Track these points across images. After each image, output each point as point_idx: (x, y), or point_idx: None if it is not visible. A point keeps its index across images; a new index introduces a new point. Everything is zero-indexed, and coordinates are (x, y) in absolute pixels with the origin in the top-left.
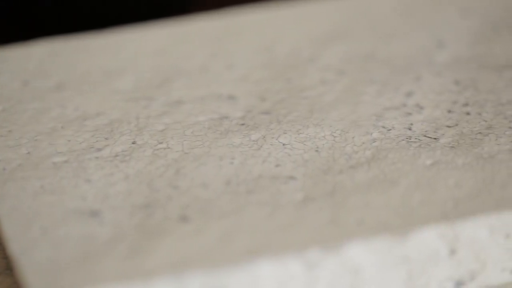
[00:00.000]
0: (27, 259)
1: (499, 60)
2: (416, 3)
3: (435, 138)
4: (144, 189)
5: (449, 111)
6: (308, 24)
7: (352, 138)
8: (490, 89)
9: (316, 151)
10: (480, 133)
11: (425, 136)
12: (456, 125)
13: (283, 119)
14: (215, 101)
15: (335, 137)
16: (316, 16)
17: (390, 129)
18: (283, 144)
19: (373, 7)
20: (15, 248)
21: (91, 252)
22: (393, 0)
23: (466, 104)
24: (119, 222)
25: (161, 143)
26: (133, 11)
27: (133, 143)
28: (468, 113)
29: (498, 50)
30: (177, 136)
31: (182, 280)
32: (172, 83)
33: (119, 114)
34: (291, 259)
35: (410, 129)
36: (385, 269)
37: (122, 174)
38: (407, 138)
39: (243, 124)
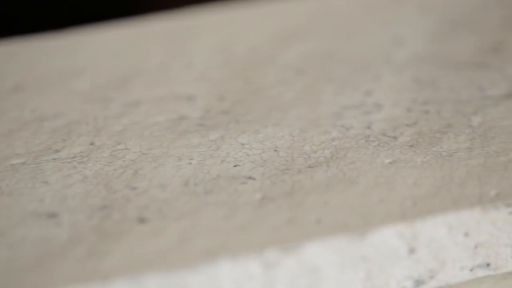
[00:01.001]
0: None
1: (458, 58)
2: (375, 1)
3: (394, 137)
4: (102, 190)
5: (408, 110)
6: (267, 23)
7: (311, 138)
8: (449, 87)
9: (275, 151)
10: (439, 131)
11: (384, 135)
12: (415, 123)
13: (241, 119)
14: (174, 101)
15: (294, 136)
16: (275, 16)
17: (349, 128)
18: (242, 144)
19: (332, 6)
20: None
21: (49, 254)
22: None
23: (425, 103)
24: (77, 224)
25: (119, 144)
26: (91, 12)
27: (91, 144)
28: (427, 112)
29: (457, 48)
30: (136, 137)
31: (139, 282)
32: (130, 83)
33: (77, 115)
34: (249, 259)
35: (369, 128)
36: (344, 269)
37: (80, 176)
38: (366, 137)
39: (201, 124)
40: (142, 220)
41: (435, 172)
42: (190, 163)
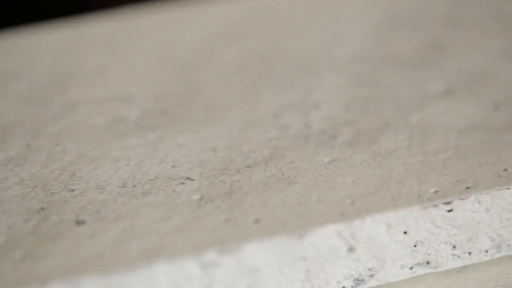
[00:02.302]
0: None
1: (398, 55)
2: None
3: (333, 136)
4: (39, 192)
5: (348, 108)
6: (207, 23)
7: (250, 137)
8: (389, 85)
9: (214, 151)
10: (378, 130)
11: (323, 134)
12: (355, 122)
13: (180, 119)
14: (112, 102)
15: (232, 136)
16: (215, 15)
17: (288, 128)
18: (180, 145)
19: (272, 4)
20: None
21: None
22: None
23: (365, 101)
24: (13, 227)
25: (56, 145)
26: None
27: (28, 146)
28: (366, 110)
29: (398, 45)
30: (73, 139)
31: (77, 284)
32: (68, 85)
33: (13, 117)
34: (187, 260)
35: (308, 127)
36: (283, 269)
37: (16, 178)
38: (305, 136)
39: (140, 125)
40: (79, 222)
41: (374, 170)
42: (128, 164)
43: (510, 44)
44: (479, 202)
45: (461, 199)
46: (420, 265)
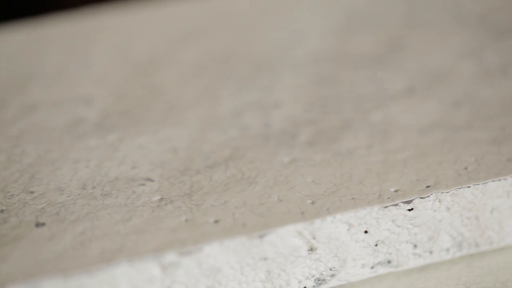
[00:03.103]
0: None
1: (358, 54)
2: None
3: (293, 135)
4: None
5: (308, 108)
6: (167, 24)
7: (210, 138)
8: (349, 84)
9: (173, 151)
10: (338, 128)
11: (283, 133)
12: (315, 121)
13: (140, 120)
14: (72, 103)
15: (192, 137)
16: (175, 16)
17: (248, 128)
18: (140, 146)
19: (232, 5)
20: None
21: None
22: None
23: (324, 100)
24: None
25: (16, 147)
26: None
27: None
28: (326, 109)
29: (358, 44)
30: (33, 140)
31: (37, 287)
32: (27, 86)
33: None
34: (148, 261)
35: (268, 126)
36: (243, 269)
37: None
38: (265, 136)
39: (99, 126)
40: (39, 224)
41: (334, 170)
42: (88, 166)
43: (469, 42)
44: (439, 201)
45: (422, 198)
46: (381, 264)
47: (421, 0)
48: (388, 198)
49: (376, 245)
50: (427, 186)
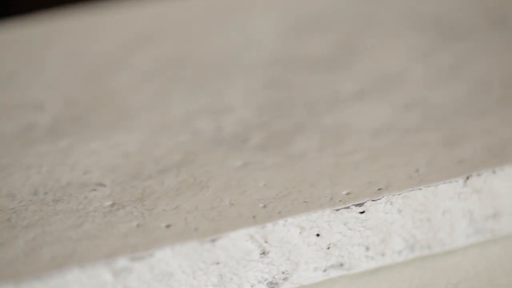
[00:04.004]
0: None
1: (310, 57)
2: (228, 3)
3: (245, 139)
4: None
5: (260, 111)
6: (119, 28)
7: (162, 142)
8: (301, 87)
9: (125, 156)
10: (290, 132)
11: (235, 137)
12: (267, 125)
13: (92, 125)
14: (23, 109)
15: (144, 141)
16: (127, 21)
17: (200, 132)
18: (92, 151)
19: (183, 8)
20: None
21: None
22: (204, 1)
23: (276, 103)
24: None
25: None
26: None
27: None
28: (278, 113)
29: (310, 47)
30: None
31: None
32: None
33: None
34: (99, 267)
35: (220, 130)
36: (196, 274)
37: None
38: (217, 140)
39: (51, 132)
40: None
41: (286, 173)
42: (40, 171)
43: (420, 45)
44: (391, 203)
45: (373, 200)
46: (333, 267)
47: (373, 3)
48: (340, 201)
49: (328, 248)
50: (379, 189)
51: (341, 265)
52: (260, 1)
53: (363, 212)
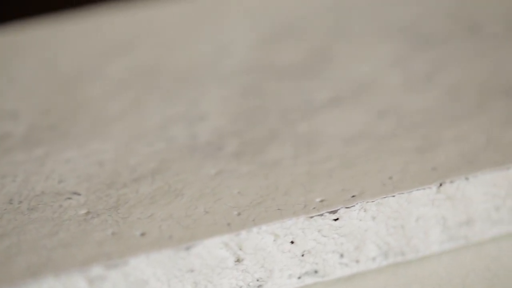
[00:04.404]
0: None
1: (284, 65)
2: (202, 11)
3: (219, 147)
4: None
5: (234, 119)
6: (93, 37)
7: (136, 150)
8: (275, 95)
9: (100, 165)
10: (264, 140)
11: (209, 145)
12: (241, 133)
13: (66, 134)
14: None
15: (119, 150)
16: (100, 30)
17: (174, 140)
18: (67, 159)
19: (158, 17)
20: None
21: None
22: (177, 9)
23: (250, 112)
24: None
25: None
26: None
27: None
28: (252, 121)
29: (284, 55)
30: None
31: None
32: None
33: None
34: (74, 275)
35: (194, 139)
36: (170, 282)
37: None
38: (191, 148)
39: (26, 141)
40: None
41: (260, 181)
42: (14, 180)
43: (394, 52)
44: (365, 210)
45: (347, 207)
46: (308, 274)
47: (346, 10)
48: (314, 208)
49: (302, 255)
50: (353, 196)
51: (316, 272)
52: (234, 9)
53: (337, 219)
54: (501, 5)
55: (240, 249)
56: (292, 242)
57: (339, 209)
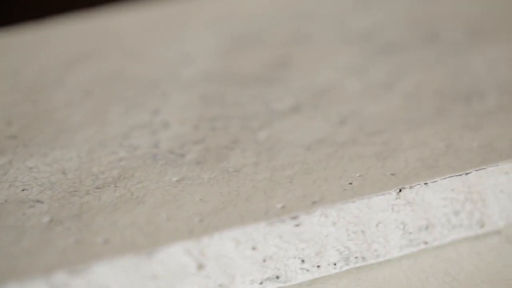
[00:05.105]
0: None
1: (245, 73)
2: (163, 20)
3: (181, 155)
4: None
5: (195, 127)
6: (55, 46)
7: (99, 159)
8: (236, 103)
9: (63, 173)
10: (226, 147)
11: (171, 153)
12: (202, 140)
13: (29, 143)
14: None
15: (81, 158)
16: (63, 38)
17: (136, 148)
18: (30, 168)
19: (119, 26)
20: None
21: None
22: (141, 19)
23: (212, 119)
24: None
25: None
26: None
27: None
28: (214, 128)
29: (244, 63)
30: None
31: None
32: None
33: None
34: (37, 282)
35: (156, 146)
36: None
37: None
38: (153, 156)
39: None
40: None
41: (222, 188)
42: None
43: (354, 59)
44: (325, 216)
45: (308, 213)
46: (269, 279)
47: (306, 18)
48: (275, 214)
49: (264, 261)
50: (313, 202)
51: (277, 277)
52: (196, 19)
53: (298, 225)
54: (459, 13)
55: (202, 256)
56: (253, 248)
57: (300, 215)
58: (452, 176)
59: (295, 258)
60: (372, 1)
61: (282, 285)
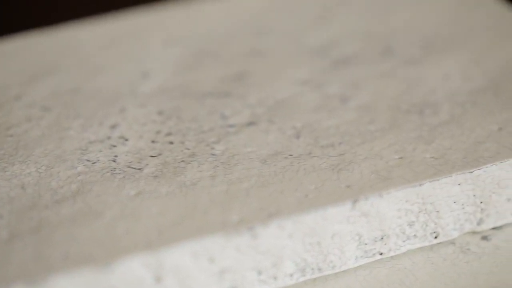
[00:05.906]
0: None
1: (202, 88)
2: (121, 35)
3: (139, 169)
4: None
5: (153, 141)
6: (13, 61)
7: (58, 173)
8: (193, 118)
9: (22, 188)
10: (183, 161)
11: (129, 167)
12: (160, 154)
13: None
14: None
15: (40, 173)
16: (22, 53)
17: (95, 162)
18: None
19: (78, 41)
20: None
21: None
22: (100, 35)
23: (169, 134)
24: None
25: None
26: None
27: None
28: (171, 142)
29: (201, 78)
30: None
31: None
32: None
33: None
34: None
35: (114, 161)
36: None
37: None
38: (111, 170)
39: None
40: None
41: (179, 201)
42: None
43: (309, 73)
44: (282, 228)
45: (264, 225)
46: None
47: (264, 34)
48: (232, 226)
49: (221, 273)
50: (269, 214)
51: None
52: (155, 35)
53: (255, 237)
54: (413, 27)
55: (161, 268)
56: (211, 260)
57: (256, 227)
58: (406, 188)
59: (252, 269)
60: (329, 16)
61: None
